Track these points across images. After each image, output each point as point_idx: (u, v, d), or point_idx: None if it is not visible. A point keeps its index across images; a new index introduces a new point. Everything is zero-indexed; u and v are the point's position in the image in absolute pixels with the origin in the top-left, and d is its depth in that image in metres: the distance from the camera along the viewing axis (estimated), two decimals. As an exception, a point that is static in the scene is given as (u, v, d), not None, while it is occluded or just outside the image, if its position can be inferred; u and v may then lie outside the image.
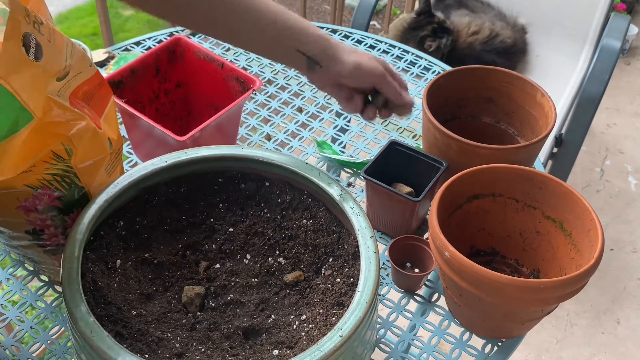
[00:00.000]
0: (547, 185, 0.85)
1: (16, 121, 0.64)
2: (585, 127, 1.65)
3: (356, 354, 0.68)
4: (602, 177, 2.21)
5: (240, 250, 0.82)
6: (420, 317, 0.89)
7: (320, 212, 0.81)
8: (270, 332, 0.73)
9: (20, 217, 0.74)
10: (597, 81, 1.60)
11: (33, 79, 0.64)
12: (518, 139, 1.05)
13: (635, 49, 2.75)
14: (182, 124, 1.12)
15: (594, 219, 0.79)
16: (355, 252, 0.77)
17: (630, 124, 2.43)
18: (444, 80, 1.02)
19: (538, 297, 0.74)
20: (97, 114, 0.77)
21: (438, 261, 0.79)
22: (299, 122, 1.20)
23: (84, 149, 0.72)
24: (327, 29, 1.41)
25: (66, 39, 0.70)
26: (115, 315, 0.69)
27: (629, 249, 1.99)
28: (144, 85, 1.04)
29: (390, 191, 0.91)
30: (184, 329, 0.73)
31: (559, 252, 0.86)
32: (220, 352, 0.70)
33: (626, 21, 1.70)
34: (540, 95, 0.99)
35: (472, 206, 0.89)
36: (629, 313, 1.82)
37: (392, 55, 1.37)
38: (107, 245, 0.76)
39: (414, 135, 1.18)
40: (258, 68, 1.30)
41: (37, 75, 0.64)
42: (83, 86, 0.74)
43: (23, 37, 0.62)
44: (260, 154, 0.82)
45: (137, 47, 1.32)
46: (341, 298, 0.73)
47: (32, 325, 0.85)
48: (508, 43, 1.81)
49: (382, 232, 0.99)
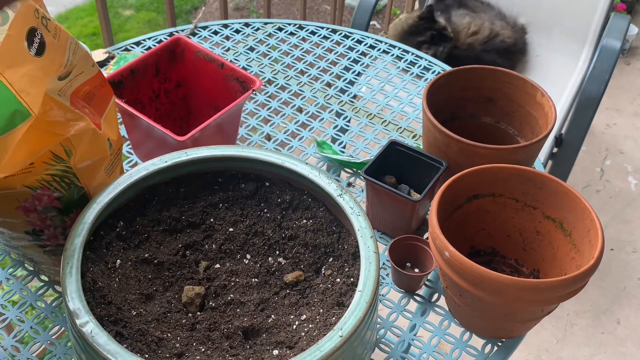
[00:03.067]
0: (547, 185, 0.85)
1: (13, 117, 0.63)
2: (585, 127, 1.65)
3: (356, 354, 0.68)
4: (602, 177, 2.21)
5: (240, 250, 0.82)
6: (420, 317, 0.89)
7: (320, 212, 0.81)
8: (270, 332, 0.73)
9: (20, 217, 0.74)
10: (597, 81, 1.60)
11: (31, 75, 0.64)
12: (518, 139, 1.05)
13: (635, 49, 2.75)
14: (182, 124, 1.12)
15: (594, 219, 0.79)
16: (355, 252, 0.77)
17: (630, 124, 2.43)
18: (444, 80, 1.02)
19: (538, 297, 0.74)
20: (98, 114, 0.77)
21: (438, 261, 0.79)
22: (299, 122, 1.20)
23: (84, 150, 0.72)
24: (327, 29, 1.42)
25: (70, 38, 0.70)
26: (115, 315, 0.69)
27: (629, 249, 1.99)
28: (144, 85, 1.04)
29: (390, 191, 0.91)
30: (184, 329, 0.73)
31: (559, 252, 0.86)
32: (220, 352, 0.70)
33: (626, 21, 1.70)
34: (540, 95, 0.99)
35: (472, 206, 0.89)
36: (629, 313, 1.82)
37: (392, 55, 1.37)
38: (107, 245, 0.76)
39: (414, 135, 1.18)
40: (258, 68, 1.30)
41: (36, 71, 0.64)
42: (84, 86, 0.74)
43: (28, 31, 0.61)
44: (260, 154, 0.82)
45: (137, 47, 1.32)
46: (341, 298, 0.73)
47: (32, 325, 0.85)
48: (508, 43, 1.81)
49: (382, 232, 0.99)
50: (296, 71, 1.30)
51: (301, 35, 1.40)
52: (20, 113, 0.64)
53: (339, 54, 1.36)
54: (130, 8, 2.83)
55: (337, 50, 1.37)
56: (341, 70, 1.32)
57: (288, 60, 1.33)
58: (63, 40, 0.68)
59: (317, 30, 1.41)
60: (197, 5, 2.91)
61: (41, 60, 0.65)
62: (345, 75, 1.31)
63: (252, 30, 1.40)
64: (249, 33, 1.39)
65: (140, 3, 2.85)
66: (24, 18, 0.63)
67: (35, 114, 0.64)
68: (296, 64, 1.32)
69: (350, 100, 1.26)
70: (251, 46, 1.36)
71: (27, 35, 0.63)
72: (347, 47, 1.38)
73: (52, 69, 0.67)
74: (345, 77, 1.30)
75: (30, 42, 0.64)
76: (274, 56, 1.35)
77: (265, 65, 1.31)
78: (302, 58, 1.34)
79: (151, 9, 2.83)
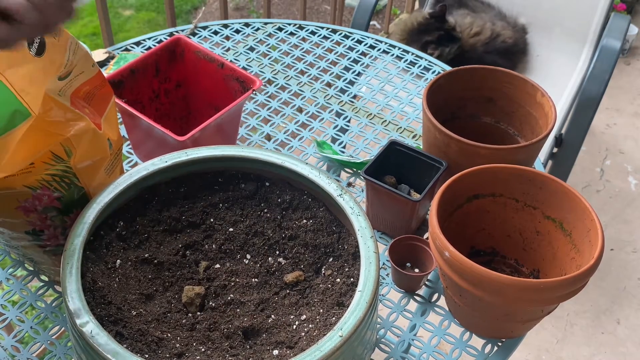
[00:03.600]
0: (547, 185, 0.85)
1: (13, 117, 0.63)
2: (585, 127, 1.65)
3: (356, 354, 0.68)
4: (602, 177, 2.21)
5: (240, 250, 0.82)
6: (420, 317, 0.89)
7: (320, 212, 0.81)
8: (270, 332, 0.73)
9: (20, 217, 0.74)
10: (597, 81, 1.60)
11: (31, 75, 0.64)
12: (518, 139, 1.05)
13: (635, 49, 2.75)
14: (182, 124, 1.12)
15: (594, 219, 0.79)
16: (355, 252, 0.77)
17: (630, 124, 2.43)
18: (444, 80, 1.02)
19: (538, 297, 0.74)
20: (98, 114, 0.77)
21: (438, 261, 0.79)
22: (299, 122, 1.20)
23: (84, 150, 0.72)
24: (327, 29, 1.41)
25: (71, 38, 0.70)
26: (115, 315, 0.69)
27: (629, 249, 1.99)
28: (144, 85, 1.04)
29: (390, 191, 0.91)
30: (184, 329, 0.73)
31: (559, 252, 0.86)
32: (220, 352, 0.70)
33: (626, 21, 1.70)
34: (540, 95, 0.99)
35: (472, 206, 0.89)
36: (629, 313, 1.82)
37: (392, 55, 1.37)
38: (107, 245, 0.76)
39: (414, 135, 1.18)
40: (258, 68, 1.30)
41: (36, 71, 0.64)
42: (85, 86, 0.74)
43: None
44: (260, 154, 0.82)
45: (137, 47, 1.32)
46: (341, 298, 0.73)
47: (32, 325, 0.85)
48: (509, 43, 1.81)
49: (382, 232, 0.99)
50: (296, 71, 1.30)
51: (301, 35, 1.40)
52: (20, 113, 0.64)
53: (339, 54, 1.36)
54: (130, 8, 2.83)
55: (337, 50, 1.37)
56: (341, 70, 1.32)
57: (288, 60, 1.33)
58: (63, 40, 0.68)
59: (317, 30, 1.41)
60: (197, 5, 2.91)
61: (41, 60, 0.65)
62: (345, 75, 1.31)
63: (252, 30, 1.40)
64: (249, 33, 1.39)
65: (140, 3, 2.85)
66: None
67: (35, 113, 0.65)
68: (296, 64, 1.32)
69: (350, 100, 1.26)
70: (251, 46, 1.36)
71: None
72: (347, 47, 1.38)
73: (52, 68, 0.67)
74: (345, 77, 1.30)
75: (31, 42, 0.64)
76: (274, 56, 1.35)
77: (265, 65, 1.31)
78: (302, 58, 1.34)
79: (151, 9, 2.83)
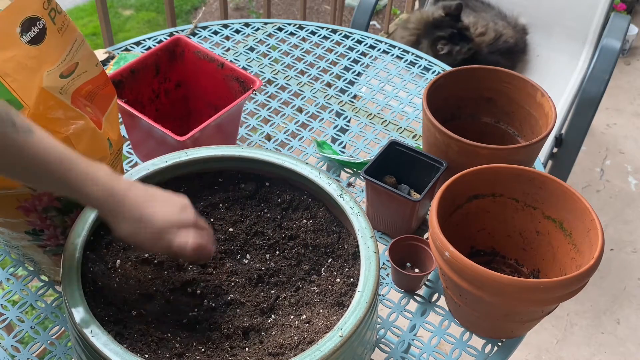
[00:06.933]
0: (547, 185, 0.85)
1: None
2: (585, 127, 1.65)
3: (356, 354, 0.68)
4: (602, 177, 2.21)
5: (240, 250, 0.82)
6: (420, 317, 0.89)
7: (320, 212, 0.81)
8: (270, 332, 0.73)
9: (20, 217, 0.74)
10: (597, 81, 1.60)
11: (19, 61, 0.63)
12: (518, 139, 1.05)
13: (635, 49, 2.75)
14: (182, 124, 1.12)
15: (594, 219, 0.79)
16: (355, 252, 0.77)
17: (630, 124, 2.43)
18: (444, 80, 1.02)
19: (538, 297, 0.74)
20: (100, 113, 0.77)
21: (438, 261, 0.79)
22: (299, 122, 1.20)
23: (83, 149, 0.72)
24: (327, 29, 1.42)
25: (79, 36, 0.69)
26: (115, 315, 0.69)
27: (629, 249, 1.99)
28: (144, 85, 1.04)
29: (390, 191, 0.91)
30: (184, 329, 0.73)
31: (559, 252, 0.86)
32: (220, 352, 0.70)
33: (626, 21, 1.70)
34: (540, 95, 0.99)
35: (472, 206, 0.89)
36: (629, 313, 1.82)
37: (392, 55, 1.37)
38: (107, 245, 0.76)
39: (414, 135, 1.18)
40: (258, 68, 1.30)
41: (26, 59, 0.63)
42: (87, 85, 0.74)
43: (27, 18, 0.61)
44: (260, 154, 0.82)
45: (137, 47, 1.32)
46: (341, 298, 0.73)
47: (32, 325, 0.85)
48: (511, 43, 1.81)
49: (382, 232, 0.99)
50: (296, 71, 1.30)
51: (301, 35, 1.40)
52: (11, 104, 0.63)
53: (339, 54, 1.36)
54: (130, 8, 2.83)
55: (337, 50, 1.37)
56: (341, 70, 1.32)
57: (288, 60, 1.33)
58: (68, 36, 0.67)
59: (317, 30, 1.41)
60: (197, 5, 2.91)
61: (36, 49, 0.63)
62: (345, 75, 1.31)
63: (252, 30, 1.40)
64: (249, 33, 1.39)
65: (140, 3, 2.85)
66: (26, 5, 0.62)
67: (29, 106, 0.63)
68: (296, 64, 1.32)
69: (350, 100, 1.26)
70: (251, 46, 1.36)
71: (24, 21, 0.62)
72: (347, 47, 1.38)
73: (48, 60, 0.66)
74: (345, 77, 1.30)
75: (27, 29, 0.63)
76: (274, 56, 1.35)
77: (265, 65, 1.31)
78: (302, 58, 1.34)
79: (151, 9, 2.83)
